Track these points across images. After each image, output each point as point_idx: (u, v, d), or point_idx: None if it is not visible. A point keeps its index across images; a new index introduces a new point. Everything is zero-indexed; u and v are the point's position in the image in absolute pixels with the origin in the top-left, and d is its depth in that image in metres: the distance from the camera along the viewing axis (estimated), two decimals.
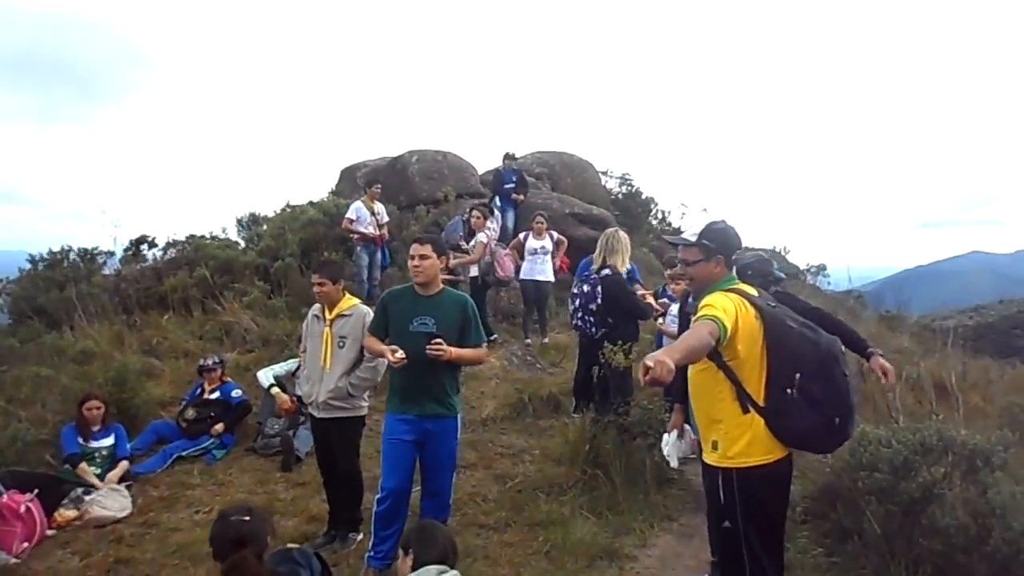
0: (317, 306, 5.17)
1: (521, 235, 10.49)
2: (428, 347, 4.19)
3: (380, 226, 10.83)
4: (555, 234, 10.46)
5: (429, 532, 3.29)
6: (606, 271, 6.49)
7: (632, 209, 17.27)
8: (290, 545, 3.60)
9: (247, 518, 3.05)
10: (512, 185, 12.68)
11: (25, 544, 5.32)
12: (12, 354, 9.21)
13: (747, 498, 3.14)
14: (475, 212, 10.25)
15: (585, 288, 6.50)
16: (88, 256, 13.00)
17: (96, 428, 6.36)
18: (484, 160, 17.92)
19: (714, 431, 3.24)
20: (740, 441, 3.15)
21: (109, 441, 6.39)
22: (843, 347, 3.31)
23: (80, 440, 6.26)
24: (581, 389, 7.46)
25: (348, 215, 10.71)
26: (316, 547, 5.05)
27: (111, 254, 13.02)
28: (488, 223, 10.28)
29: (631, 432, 5.77)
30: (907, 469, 4.00)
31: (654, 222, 18.04)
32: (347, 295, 5.16)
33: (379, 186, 11.37)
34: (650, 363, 2.65)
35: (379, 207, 10.98)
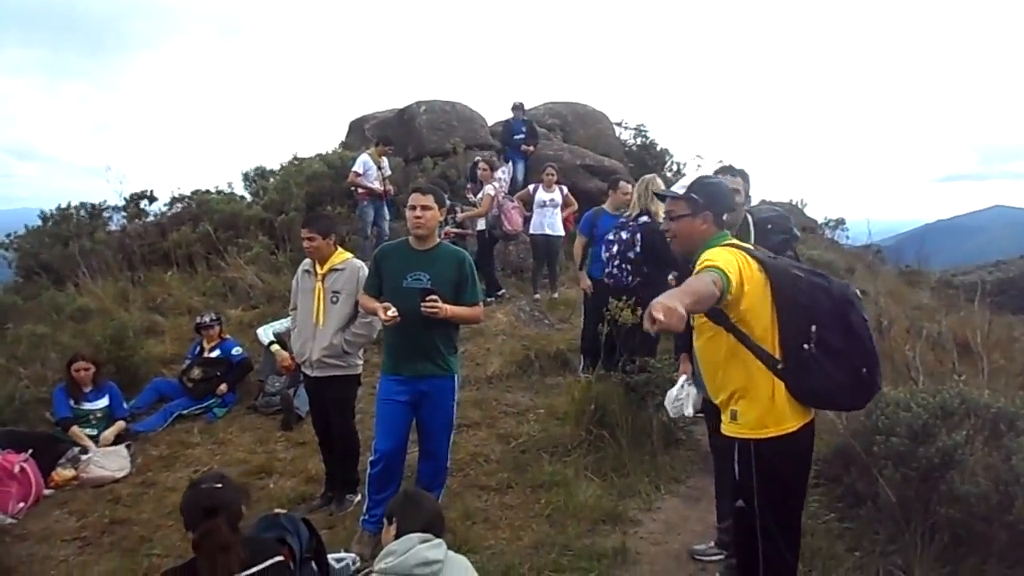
0: (308, 261, 4.98)
1: (530, 187, 10.22)
2: (423, 304, 3.99)
3: (384, 180, 10.56)
4: (565, 188, 10.18)
5: (414, 501, 3.12)
6: (644, 218, 6.22)
7: (646, 161, 16.86)
8: (277, 510, 3.46)
9: (219, 486, 2.89)
10: (522, 136, 12.39)
11: (21, 504, 5.27)
12: (15, 311, 9.15)
13: (764, 473, 2.92)
14: (482, 163, 9.98)
15: (624, 235, 6.20)
16: (95, 212, 12.90)
17: (88, 389, 6.23)
18: (494, 111, 17.56)
19: (732, 401, 2.99)
20: (758, 408, 2.91)
21: (103, 402, 6.27)
22: (857, 290, 3.05)
23: (72, 403, 6.14)
24: (591, 345, 7.28)
25: (355, 168, 10.39)
26: (312, 508, 4.97)
27: (117, 209, 12.92)
28: (496, 174, 10.01)
29: (638, 391, 5.58)
30: (926, 434, 3.78)
31: (669, 174, 17.63)
32: (339, 249, 4.96)
33: (391, 147, 11.09)
34: (659, 313, 2.38)
35: (384, 162, 10.70)
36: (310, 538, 3.40)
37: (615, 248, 6.22)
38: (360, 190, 10.34)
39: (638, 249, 6.11)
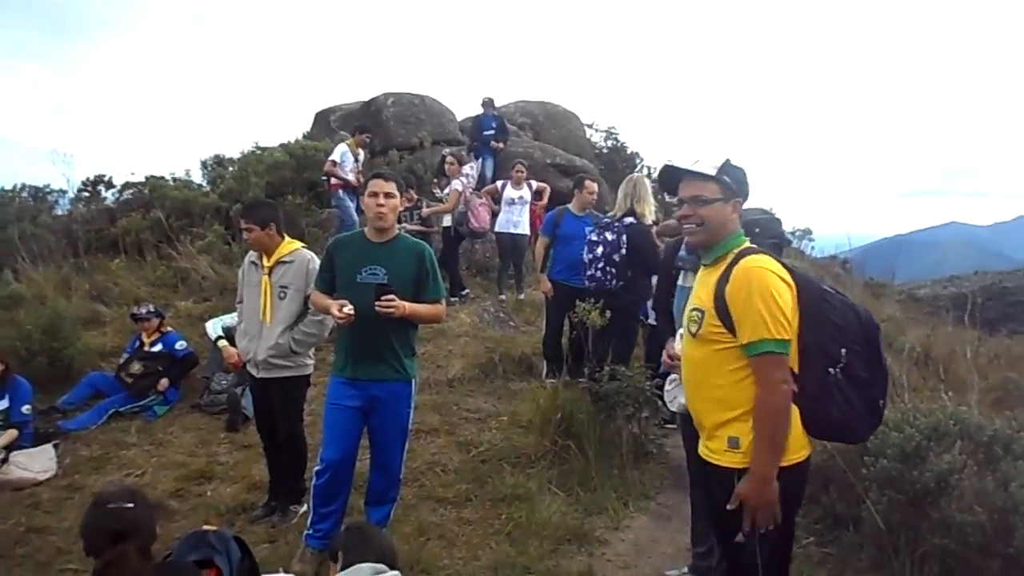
0: (254, 252, 4.58)
1: (498, 183, 9.89)
2: (377, 303, 3.62)
3: (359, 171, 10.10)
4: (535, 183, 9.87)
5: (362, 537, 2.69)
6: (630, 220, 5.92)
7: (616, 163, 16.67)
8: (205, 527, 3.06)
9: (130, 505, 2.48)
10: (492, 132, 12.05)
11: None
12: None
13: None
14: (449, 158, 9.62)
15: (609, 236, 5.90)
16: (39, 195, 12.31)
17: None
18: (465, 107, 17.23)
19: (729, 425, 2.57)
20: None
21: (2, 405, 5.56)
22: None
23: None
24: (553, 352, 6.98)
25: (333, 157, 9.86)
26: (253, 519, 4.59)
27: (63, 193, 12.35)
28: (464, 170, 9.65)
29: (607, 401, 5.27)
30: (918, 456, 3.52)
31: None
32: (287, 239, 4.56)
33: (369, 136, 10.67)
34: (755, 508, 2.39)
35: (360, 153, 10.24)
36: (242, 559, 3.00)
37: (599, 250, 5.93)
38: (333, 181, 9.84)
39: (623, 251, 5.83)
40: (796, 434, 2.53)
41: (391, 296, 3.62)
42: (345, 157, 9.85)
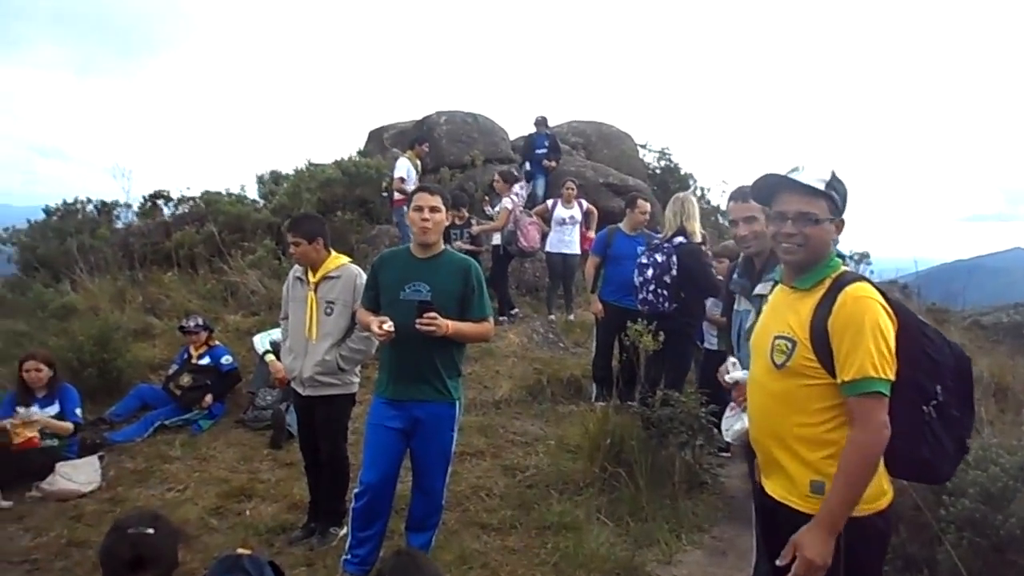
0: (299, 267, 4.49)
1: (549, 202, 9.75)
2: (418, 320, 3.48)
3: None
4: (584, 203, 9.70)
5: (411, 565, 2.42)
6: (679, 239, 5.74)
7: (669, 184, 16.39)
8: (240, 551, 2.94)
9: (150, 530, 2.35)
10: (544, 151, 11.97)
11: None
12: (5, 306, 8.75)
13: (856, 559, 2.29)
14: (497, 176, 9.54)
15: (659, 258, 5.73)
16: (104, 209, 12.58)
17: (41, 394, 5.55)
18: (517, 125, 17.19)
19: (816, 467, 2.31)
20: None
21: (53, 409, 5.52)
22: None
23: (19, 409, 5.41)
24: (604, 373, 6.77)
25: (398, 173, 9.82)
26: (292, 540, 4.46)
27: (128, 207, 12.60)
28: (514, 188, 9.55)
29: (659, 427, 5.05)
30: (1004, 498, 3.23)
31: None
32: (334, 253, 4.46)
33: (427, 145, 10.62)
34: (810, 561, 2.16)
35: (418, 164, 10.20)
36: None
37: (649, 272, 5.75)
38: (396, 196, 9.77)
39: (674, 272, 5.64)
40: (878, 478, 2.29)
41: (433, 314, 3.48)
42: (410, 172, 9.80)
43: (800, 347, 2.32)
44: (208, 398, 6.47)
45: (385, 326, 3.53)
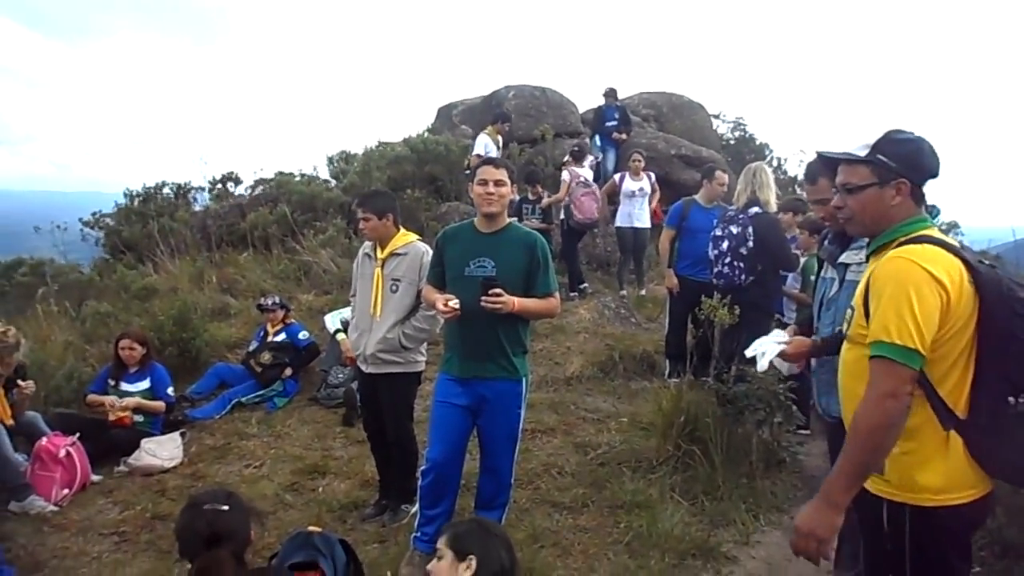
0: (369, 244, 4.47)
1: (616, 176, 9.58)
2: (484, 298, 3.41)
3: None
4: (652, 175, 9.47)
5: (485, 532, 2.44)
6: (755, 209, 5.54)
7: (744, 155, 15.92)
8: (311, 528, 2.96)
9: (225, 507, 2.36)
10: (614, 123, 11.75)
11: (65, 491, 4.99)
12: (93, 288, 9.09)
13: (924, 550, 2.16)
14: (568, 156, 9.50)
15: (734, 229, 5.55)
16: (180, 192, 12.92)
17: (134, 370, 5.79)
18: (586, 98, 16.93)
19: None
20: (926, 467, 2.12)
21: (144, 384, 5.76)
22: None
23: (111, 382, 5.75)
24: (677, 351, 6.61)
25: (476, 151, 9.74)
26: (364, 517, 4.49)
27: (203, 190, 12.92)
28: (585, 162, 9.42)
29: (736, 404, 4.88)
30: None
31: (769, 169, 16.63)
32: (403, 230, 4.43)
33: (508, 124, 10.57)
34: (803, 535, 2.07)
35: (499, 140, 10.11)
36: (347, 563, 2.89)
37: (724, 244, 5.56)
38: None
39: (751, 244, 5.43)
40: (958, 467, 2.11)
41: (499, 291, 3.41)
42: (488, 148, 9.71)
43: (856, 314, 2.23)
44: (287, 371, 6.59)
45: (451, 303, 3.47)
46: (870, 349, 2.09)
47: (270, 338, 6.81)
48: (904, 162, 2.21)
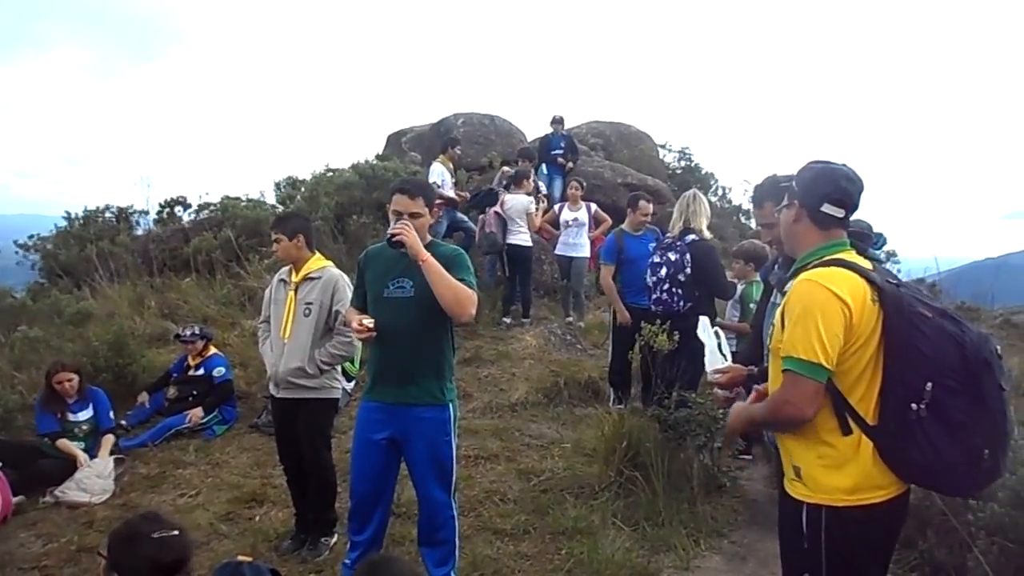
0: (285, 269, 4.45)
1: (555, 207, 9.74)
2: (391, 230, 3.29)
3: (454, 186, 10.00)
4: (594, 206, 9.56)
5: (378, 570, 2.39)
6: (691, 236, 5.63)
7: (690, 184, 16.16)
8: (240, 558, 2.87)
9: (176, 532, 2.27)
10: (560, 151, 11.85)
11: None
12: (26, 313, 8.79)
13: (837, 548, 2.28)
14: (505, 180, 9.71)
15: (672, 256, 5.61)
16: (123, 215, 12.67)
17: (73, 400, 5.59)
18: (535, 128, 17.10)
19: (794, 451, 2.39)
20: (840, 470, 2.26)
21: (87, 413, 5.61)
22: (997, 346, 2.27)
23: (57, 415, 5.53)
24: (620, 378, 6.65)
25: (432, 179, 9.46)
26: (282, 552, 4.33)
27: (146, 213, 12.68)
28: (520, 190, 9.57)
29: (677, 429, 4.92)
30: None
31: (714, 199, 17.00)
32: (317, 255, 4.40)
33: (460, 148, 10.60)
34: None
35: (451, 166, 10.12)
36: None
37: (663, 271, 5.63)
38: (436, 202, 9.68)
39: (688, 270, 5.52)
40: (869, 471, 2.25)
41: (405, 223, 3.33)
42: (443, 177, 9.66)
43: (775, 330, 2.39)
44: (197, 411, 6.34)
45: (365, 322, 3.39)
46: (782, 363, 2.27)
47: (191, 371, 6.62)
48: (801, 187, 2.40)
